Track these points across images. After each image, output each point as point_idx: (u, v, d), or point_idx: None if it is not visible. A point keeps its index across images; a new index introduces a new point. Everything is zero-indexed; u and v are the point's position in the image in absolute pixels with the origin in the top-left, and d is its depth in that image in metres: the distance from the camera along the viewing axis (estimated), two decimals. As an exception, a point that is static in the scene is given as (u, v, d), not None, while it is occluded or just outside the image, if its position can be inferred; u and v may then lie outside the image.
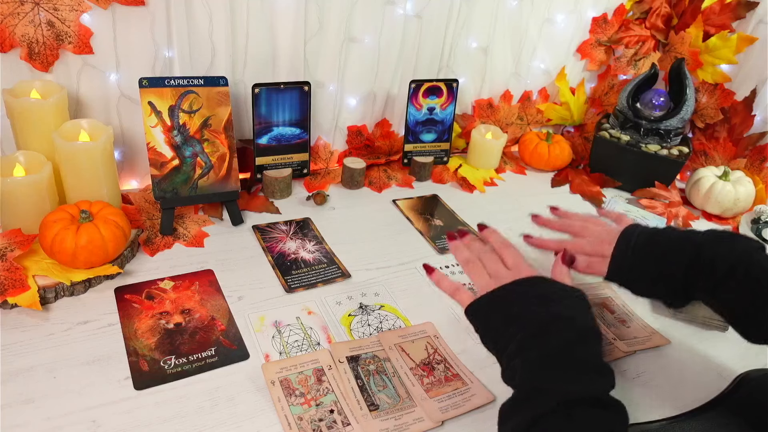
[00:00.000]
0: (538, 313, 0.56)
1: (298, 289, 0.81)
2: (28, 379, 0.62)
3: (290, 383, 0.65)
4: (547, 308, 0.56)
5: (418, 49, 1.13)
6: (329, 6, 0.99)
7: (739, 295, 0.60)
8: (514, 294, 0.60)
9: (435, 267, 0.71)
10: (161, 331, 0.70)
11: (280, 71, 1.02)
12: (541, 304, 0.57)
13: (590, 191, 1.19)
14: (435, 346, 0.74)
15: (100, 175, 0.82)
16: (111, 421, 0.58)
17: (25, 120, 0.80)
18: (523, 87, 1.32)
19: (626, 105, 1.21)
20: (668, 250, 0.65)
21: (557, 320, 0.55)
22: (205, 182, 0.90)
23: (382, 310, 0.79)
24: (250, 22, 0.95)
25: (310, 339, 0.72)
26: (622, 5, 1.29)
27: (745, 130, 1.23)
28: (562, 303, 0.57)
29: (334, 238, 0.93)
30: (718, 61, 1.25)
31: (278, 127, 1.02)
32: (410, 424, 0.62)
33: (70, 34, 0.82)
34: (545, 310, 0.56)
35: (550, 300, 0.57)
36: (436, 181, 1.17)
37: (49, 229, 0.72)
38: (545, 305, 0.57)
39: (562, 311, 0.56)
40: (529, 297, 0.58)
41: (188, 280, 0.79)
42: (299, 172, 1.07)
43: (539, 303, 0.57)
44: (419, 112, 1.14)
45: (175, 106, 0.85)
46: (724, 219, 1.15)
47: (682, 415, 0.66)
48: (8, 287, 0.69)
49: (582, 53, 1.32)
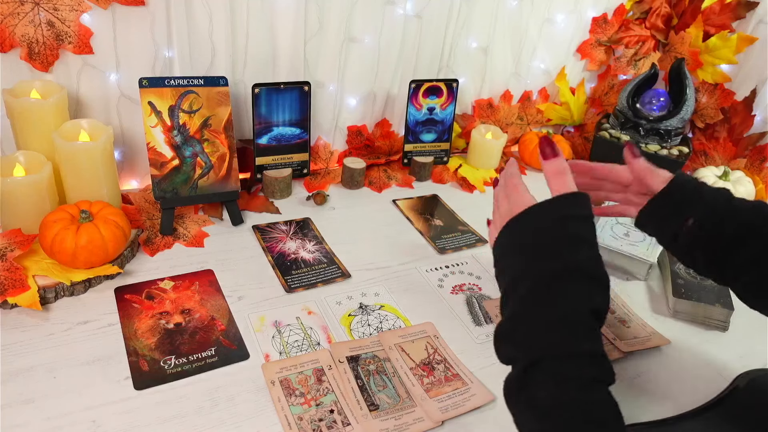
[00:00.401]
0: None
1: (298, 289, 0.81)
2: (28, 379, 0.62)
3: (290, 383, 0.65)
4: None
5: (418, 49, 1.13)
6: (329, 6, 0.99)
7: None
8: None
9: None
10: (161, 331, 0.70)
11: (280, 71, 1.02)
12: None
13: (590, 191, 1.19)
14: (435, 346, 0.74)
15: (100, 175, 0.82)
16: (111, 421, 0.58)
17: (25, 120, 0.80)
18: (523, 87, 1.32)
19: (626, 105, 1.21)
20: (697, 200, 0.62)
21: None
22: (205, 182, 0.90)
23: (382, 310, 0.79)
24: (250, 22, 0.95)
25: (310, 339, 0.72)
26: (622, 5, 1.29)
27: (745, 130, 1.23)
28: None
29: (334, 238, 0.93)
30: (718, 61, 1.25)
31: (278, 127, 1.02)
32: (410, 424, 0.62)
33: (70, 34, 0.82)
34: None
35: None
36: (436, 181, 1.17)
37: (49, 229, 0.72)
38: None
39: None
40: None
41: (188, 280, 0.79)
42: (299, 172, 1.07)
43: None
44: (419, 112, 1.14)
45: (175, 106, 0.85)
46: (724, 219, 1.15)
47: (682, 415, 0.65)
48: (8, 287, 0.69)
49: (582, 53, 1.32)
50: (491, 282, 0.88)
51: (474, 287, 0.86)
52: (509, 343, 0.51)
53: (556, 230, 0.52)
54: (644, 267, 0.92)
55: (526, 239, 0.54)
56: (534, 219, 0.54)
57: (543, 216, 0.54)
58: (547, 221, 0.53)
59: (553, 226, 0.52)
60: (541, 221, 0.54)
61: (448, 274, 0.88)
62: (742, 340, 0.81)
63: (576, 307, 0.49)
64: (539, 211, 0.54)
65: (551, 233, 0.52)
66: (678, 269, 0.90)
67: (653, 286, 0.92)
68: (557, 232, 0.52)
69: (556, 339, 0.48)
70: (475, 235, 0.99)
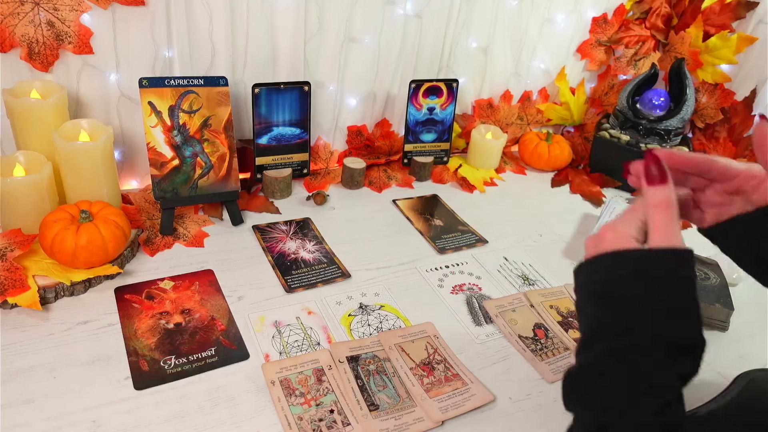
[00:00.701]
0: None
1: (298, 289, 0.81)
2: (28, 379, 0.62)
3: (290, 383, 0.65)
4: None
5: (418, 49, 1.13)
6: (329, 6, 0.99)
7: None
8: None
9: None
10: (161, 331, 0.70)
11: (280, 71, 1.02)
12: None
13: (590, 191, 1.19)
14: (435, 346, 0.74)
15: (100, 175, 0.82)
16: (111, 421, 0.58)
17: (25, 120, 0.80)
18: (523, 87, 1.32)
19: (626, 105, 1.21)
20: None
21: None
22: (205, 182, 0.90)
23: (382, 310, 0.79)
24: (250, 22, 0.95)
25: (310, 339, 0.72)
26: (622, 5, 1.29)
27: (745, 130, 1.23)
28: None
29: (334, 238, 0.93)
30: (718, 61, 1.25)
31: (278, 127, 1.02)
32: (410, 424, 0.62)
33: (70, 34, 0.82)
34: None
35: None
36: (436, 181, 1.17)
37: (49, 229, 0.72)
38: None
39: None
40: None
41: (188, 280, 0.79)
42: (299, 172, 1.07)
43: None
44: (419, 112, 1.14)
45: (175, 106, 0.85)
46: (724, 219, 1.15)
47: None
48: (8, 287, 0.69)
49: (582, 53, 1.32)
50: (491, 282, 0.88)
51: (474, 287, 0.86)
52: (577, 396, 0.47)
53: (651, 290, 0.44)
54: (644, 267, 0.91)
55: (613, 288, 0.46)
56: (630, 267, 0.46)
57: (641, 268, 0.45)
58: (645, 277, 0.45)
59: (650, 285, 0.45)
60: (638, 274, 0.45)
61: (448, 274, 0.88)
62: (742, 340, 0.81)
63: (657, 376, 0.43)
64: (638, 259, 0.46)
65: (646, 292, 0.45)
66: (678, 269, 0.90)
67: (653, 286, 0.91)
68: (652, 293, 0.44)
69: (628, 406, 0.43)
70: (475, 235, 0.99)
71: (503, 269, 0.91)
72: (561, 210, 1.12)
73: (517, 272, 0.91)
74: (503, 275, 0.90)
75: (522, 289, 0.87)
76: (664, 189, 0.46)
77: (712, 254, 0.97)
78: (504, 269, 0.92)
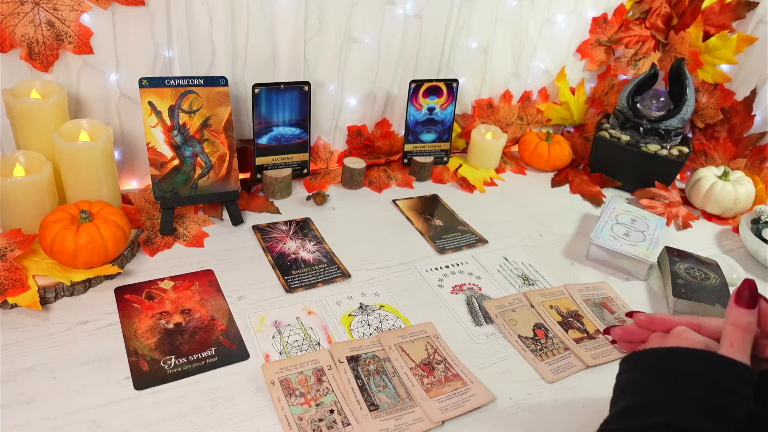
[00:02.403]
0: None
1: (298, 289, 0.81)
2: (28, 379, 0.62)
3: (290, 383, 0.65)
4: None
5: (418, 49, 1.13)
6: (329, 6, 0.99)
7: None
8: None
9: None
10: (161, 331, 0.70)
11: (280, 71, 1.02)
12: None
13: (590, 191, 1.19)
14: (435, 346, 0.74)
15: (100, 175, 0.82)
16: (111, 421, 0.58)
17: (25, 120, 0.80)
18: (523, 87, 1.32)
19: (626, 105, 1.21)
20: None
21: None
22: (205, 182, 0.90)
23: (382, 310, 0.79)
24: (250, 22, 0.95)
25: (310, 339, 0.72)
26: (622, 5, 1.29)
27: (745, 130, 1.24)
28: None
29: (334, 238, 0.93)
30: (718, 61, 1.25)
31: (278, 127, 1.02)
32: (410, 424, 0.62)
33: (70, 34, 0.82)
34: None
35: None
36: (436, 181, 1.17)
37: (49, 229, 0.72)
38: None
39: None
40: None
41: (188, 280, 0.79)
42: (299, 172, 1.07)
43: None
44: (419, 112, 1.14)
45: (175, 106, 0.85)
46: (724, 219, 1.15)
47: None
48: (8, 287, 0.69)
49: (582, 53, 1.32)
50: (491, 282, 0.88)
51: (474, 287, 0.86)
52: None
53: (712, 394, 0.47)
54: (644, 267, 0.92)
55: (675, 379, 0.48)
56: (699, 366, 0.48)
57: (705, 370, 0.48)
58: (706, 379, 0.47)
59: (710, 387, 0.47)
60: (702, 374, 0.48)
61: (448, 274, 0.88)
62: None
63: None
64: (708, 361, 0.48)
65: (705, 395, 0.47)
66: (678, 269, 0.90)
67: (653, 286, 0.92)
68: (712, 396, 0.47)
69: None
70: (475, 235, 0.99)
71: (503, 269, 0.92)
72: (561, 210, 1.12)
73: (517, 272, 0.91)
74: (503, 275, 0.90)
75: (522, 289, 0.87)
76: (750, 314, 0.49)
77: (712, 254, 0.98)
78: (504, 269, 0.92)
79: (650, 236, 0.97)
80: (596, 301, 0.86)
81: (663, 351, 0.52)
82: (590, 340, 0.78)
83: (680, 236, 1.09)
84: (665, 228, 1.03)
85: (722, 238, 1.10)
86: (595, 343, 0.77)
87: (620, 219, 1.01)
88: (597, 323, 0.81)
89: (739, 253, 1.05)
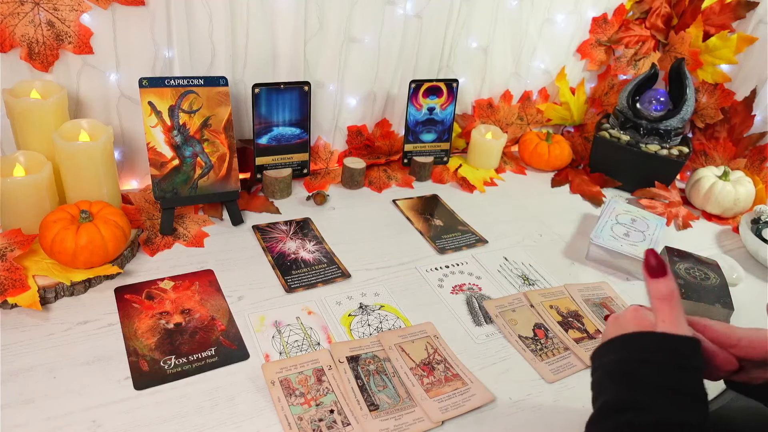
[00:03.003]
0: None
1: (298, 289, 0.81)
2: (28, 379, 0.62)
3: (290, 383, 0.65)
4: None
5: (418, 49, 1.13)
6: (329, 6, 0.99)
7: None
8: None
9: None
10: (161, 331, 0.70)
11: (280, 71, 1.02)
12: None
13: (590, 191, 1.19)
14: (435, 346, 0.74)
15: (100, 175, 0.82)
16: (111, 421, 0.58)
17: (25, 120, 0.80)
18: (523, 87, 1.32)
19: (626, 105, 1.21)
20: None
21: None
22: (205, 182, 0.90)
23: (382, 310, 0.79)
24: (250, 22, 0.95)
25: (310, 339, 0.72)
26: (622, 5, 1.29)
27: (745, 130, 1.23)
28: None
29: (334, 238, 0.93)
30: (718, 61, 1.25)
31: (278, 127, 1.02)
32: (410, 424, 0.62)
33: (70, 34, 0.82)
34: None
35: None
36: (436, 181, 1.17)
37: (49, 229, 0.72)
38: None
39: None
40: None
41: (188, 280, 0.79)
42: (299, 172, 1.07)
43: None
44: (419, 112, 1.14)
45: (175, 106, 0.85)
46: (724, 219, 1.15)
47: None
48: (8, 287, 0.69)
49: (582, 53, 1.32)
50: (491, 282, 0.88)
51: (474, 287, 0.86)
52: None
53: (661, 377, 0.46)
54: (644, 267, 0.91)
55: (629, 368, 0.48)
56: (647, 352, 0.48)
57: (653, 355, 0.48)
58: (653, 365, 0.47)
59: (659, 373, 0.46)
60: (651, 361, 0.47)
61: (448, 274, 0.88)
62: (742, 340, 0.81)
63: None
64: (649, 344, 0.48)
65: (661, 378, 0.46)
66: (678, 269, 0.90)
67: (653, 286, 0.91)
68: (662, 380, 0.46)
69: None
70: (475, 235, 0.99)
71: (503, 269, 0.92)
72: (561, 210, 1.12)
73: (517, 272, 0.91)
74: (503, 275, 0.90)
75: (522, 289, 0.87)
76: (666, 281, 0.48)
77: (712, 254, 0.98)
78: (504, 269, 0.92)
79: (650, 236, 0.97)
80: (596, 301, 0.86)
81: (606, 345, 0.51)
82: (590, 340, 0.78)
83: (680, 236, 1.09)
84: (665, 228, 1.03)
85: (722, 238, 1.10)
86: (595, 343, 0.77)
87: (620, 219, 1.01)
88: (597, 323, 0.81)
89: (739, 253, 1.05)
